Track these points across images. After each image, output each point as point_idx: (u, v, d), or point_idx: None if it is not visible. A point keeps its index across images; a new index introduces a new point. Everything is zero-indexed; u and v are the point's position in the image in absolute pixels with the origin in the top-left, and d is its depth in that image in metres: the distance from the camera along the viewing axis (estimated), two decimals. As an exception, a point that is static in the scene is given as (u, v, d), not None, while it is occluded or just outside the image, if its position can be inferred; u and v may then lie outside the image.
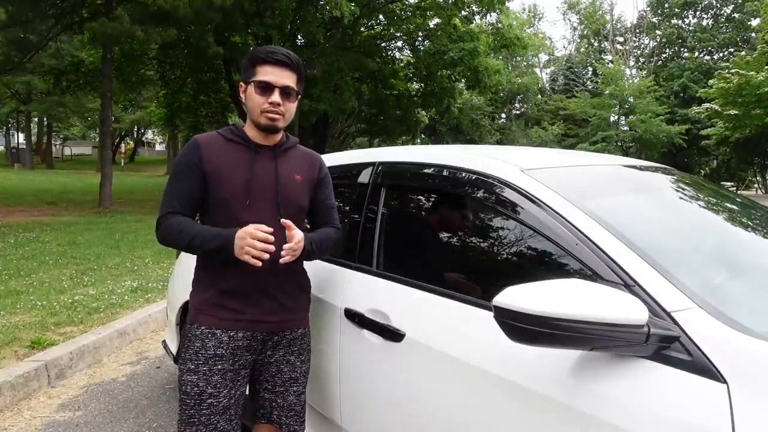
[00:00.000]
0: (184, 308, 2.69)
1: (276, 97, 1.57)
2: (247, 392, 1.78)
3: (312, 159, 1.78)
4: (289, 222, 1.51)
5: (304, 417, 1.75)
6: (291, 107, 1.63)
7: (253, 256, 1.46)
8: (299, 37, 16.48)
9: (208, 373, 1.55)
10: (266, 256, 1.46)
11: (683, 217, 1.69)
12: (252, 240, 1.46)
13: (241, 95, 1.66)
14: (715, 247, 1.55)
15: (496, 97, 37.44)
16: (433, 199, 1.90)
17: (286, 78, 1.59)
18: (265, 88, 1.58)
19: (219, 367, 1.56)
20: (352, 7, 13.77)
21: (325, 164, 1.81)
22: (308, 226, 1.81)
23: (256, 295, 1.61)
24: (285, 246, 1.50)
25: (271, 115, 1.59)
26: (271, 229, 1.47)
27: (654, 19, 38.60)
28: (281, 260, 1.50)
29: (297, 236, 1.52)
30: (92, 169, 28.66)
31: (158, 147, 59.15)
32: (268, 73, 1.58)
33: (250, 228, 1.47)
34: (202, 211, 1.66)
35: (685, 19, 37.50)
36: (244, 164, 1.61)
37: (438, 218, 1.86)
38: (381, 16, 17.58)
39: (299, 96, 1.67)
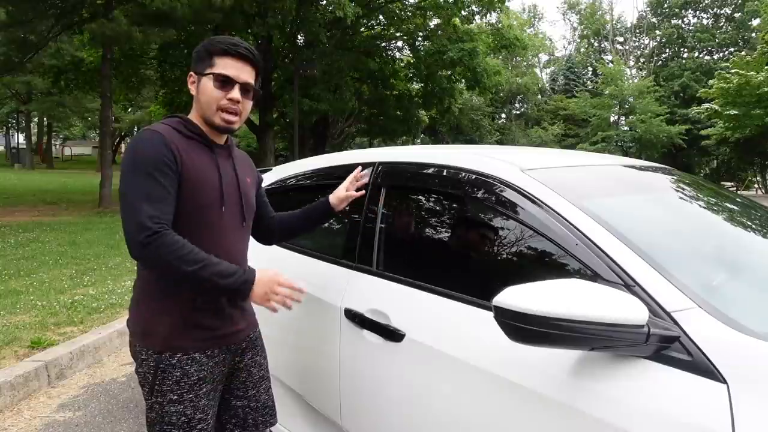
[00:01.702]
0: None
1: (236, 93, 1.44)
2: None
3: (249, 159, 1.74)
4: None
5: (275, 408, 1.71)
6: (248, 106, 1.51)
7: (278, 300, 1.44)
8: (299, 37, 16.49)
9: (194, 400, 1.44)
10: (290, 303, 1.47)
11: (683, 217, 1.69)
12: (280, 288, 1.43)
13: (190, 86, 1.50)
14: (715, 248, 1.55)
15: (496, 98, 37.44)
16: (433, 200, 1.90)
17: (246, 74, 1.47)
18: (225, 82, 1.44)
19: (204, 390, 1.47)
20: (354, 7, 13.77)
21: None
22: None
23: (227, 308, 1.52)
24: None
25: (227, 115, 1.45)
26: (305, 289, 1.52)
27: (654, 19, 38.62)
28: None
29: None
30: (92, 169, 28.65)
31: (158, 147, 58.98)
32: (228, 67, 1.44)
33: (276, 274, 1.44)
34: None
35: (685, 19, 37.53)
36: (212, 167, 1.47)
37: (438, 218, 1.86)
38: (381, 16, 17.59)
39: (256, 95, 1.55)
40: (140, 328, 1.49)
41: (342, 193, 1.82)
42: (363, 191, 1.87)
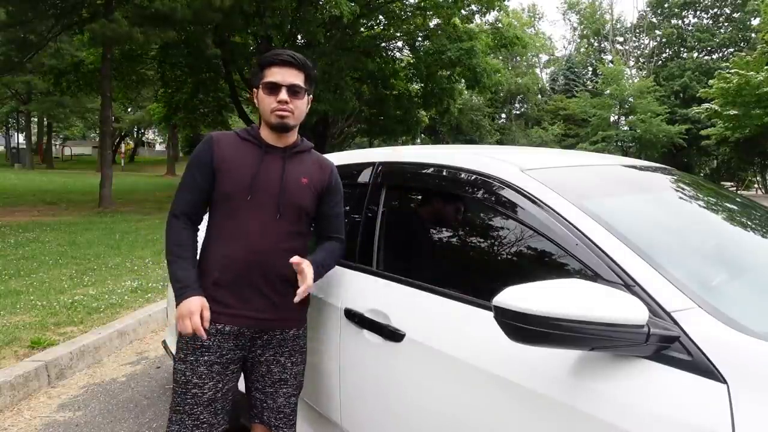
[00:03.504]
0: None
1: (283, 95, 1.62)
2: (244, 390, 1.79)
3: (323, 165, 1.79)
4: (296, 259, 1.55)
5: (294, 420, 1.75)
6: (300, 105, 1.67)
7: (180, 328, 1.56)
8: (299, 37, 16.47)
9: (194, 364, 1.60)
10: (188, 329, 1.54)
11: (683, 217, 1.69)
12: (188, 322, 1.52)
13: (255, 100, 1.72)
14: (714, 247, 1.55)
15: (496, 98, 37.44)
16: (433, 200, 1.90)
17: (292, 77, 1.64)
18: (273, 87, 1.63)
19: (205, 358, 1.60)
20: (352, 5, 13.74)
21: (337, 173, 1.82)
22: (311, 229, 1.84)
23: (246, 291, 1.62)
24: (299, 291, 1.54)
25: (279, 113, 1.63)
26: (205, 336, 1.56)
27: (654, 19, 38.63)
28: (295, 300, 1.55)
29: (308, 278, 1.55)
30: (92, 169, 28.66)
31: (158, 147, 59.14)
32: (275, 74, 1.63)
33: (197, 311, 1.53)
34: (209, 205, 1.72)
35: (685, 19, 37.53)
36: (251, 162, 1.65)
37: (438, 218, 1.86)
38: (381, 16, 17.56)
39: (309, 96, 1.72)
40: None
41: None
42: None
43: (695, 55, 35.37)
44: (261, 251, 1.62)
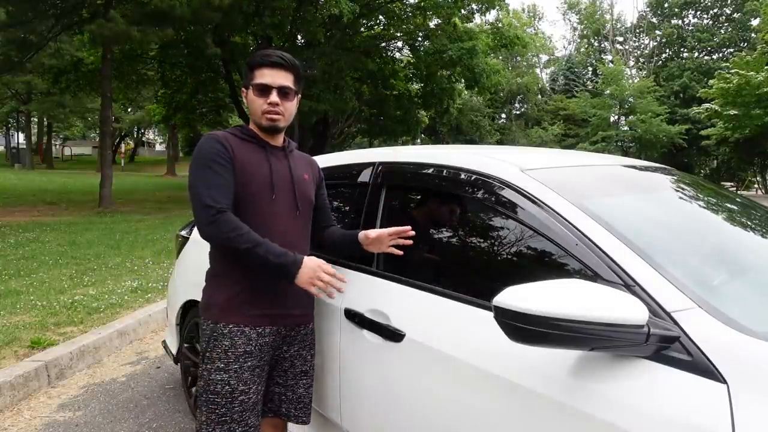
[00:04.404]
0: (185, 308, 2.69)
1: (274, 97, 1.63)
2: None
3: (311, 161, 1.91)
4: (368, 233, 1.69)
5: (311, 407, 1.80)
6: (290, 106, 1.69)
7: (317, 293, 1.54)
8: (299, 37, 16.48)
9: (239, 371, 1.58)
10: (332, 291, 1.56)
11: (683, 217, 1.69)
12: (324, 275, 1.53)
13: (244, 100, 1.72)
14: (715, 247, 1.55)
15: (496, 98, 37.49)
16: (433, 199, 1.90)
17: (282, 78, 1.64)
18: (264, 89, 1.63)
19: (249, 364, 1.60)
20: (352, 5, 13.74)
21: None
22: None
23: (279, 290, 1.65)
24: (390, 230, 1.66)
25: (270, 115, 1.64)
26: (345, 279, 1.59)
27: (654, 19, 38.65)
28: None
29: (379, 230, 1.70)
30: (92, 169, 28.67)
31: (158, 147, 59.16)
32: (265, 76, 1.63)
33: (322, 262, 1.55)
34: None
35: (685, 19, 37.55)
36: (263, 161, 1.66)
37: (438, 218, 1.86)
38: (381, 16, 17.58)
39: (298, 95, 1.73)
40: (204, 302, 1.68)
41: (373, 234, 1.70)
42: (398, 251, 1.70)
43: (695, 55, 35.38)
44: (292, 247, 1.62)
